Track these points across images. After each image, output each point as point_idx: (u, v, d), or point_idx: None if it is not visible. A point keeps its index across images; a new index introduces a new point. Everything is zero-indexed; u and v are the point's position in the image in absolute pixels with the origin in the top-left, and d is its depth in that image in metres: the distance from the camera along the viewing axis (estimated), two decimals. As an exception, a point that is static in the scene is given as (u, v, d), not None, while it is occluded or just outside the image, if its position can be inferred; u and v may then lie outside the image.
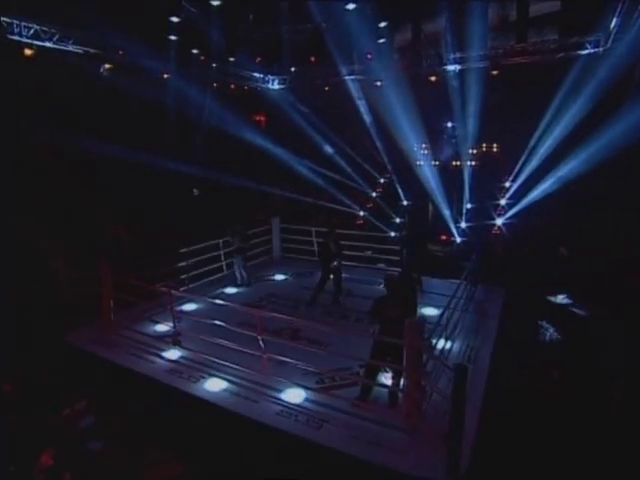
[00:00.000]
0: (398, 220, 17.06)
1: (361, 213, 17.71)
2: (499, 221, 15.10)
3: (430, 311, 8.64)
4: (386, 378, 6.14)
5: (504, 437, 5.28)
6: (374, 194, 19.03)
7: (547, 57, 11.70)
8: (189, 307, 9.07)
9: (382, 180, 19.56)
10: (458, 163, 17.56)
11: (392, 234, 15.27)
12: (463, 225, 15.44)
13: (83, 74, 10.76)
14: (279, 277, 11.51)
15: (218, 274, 11.06)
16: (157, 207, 13.16)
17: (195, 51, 12.93)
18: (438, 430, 4.91)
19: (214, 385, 6.27)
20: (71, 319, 8.16)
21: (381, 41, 12.81)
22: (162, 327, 7.78)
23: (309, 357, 6.23)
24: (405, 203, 17.89)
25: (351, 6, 12.00)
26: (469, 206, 16.07)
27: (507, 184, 16.17)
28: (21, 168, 10.75)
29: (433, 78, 13.56)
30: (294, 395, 5.97)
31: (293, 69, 16.14)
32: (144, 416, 6.20)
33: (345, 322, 8.67)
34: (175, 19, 11.22)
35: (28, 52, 9.09)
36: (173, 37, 12.03)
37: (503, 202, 15.74)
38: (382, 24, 12.10)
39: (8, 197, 10.20)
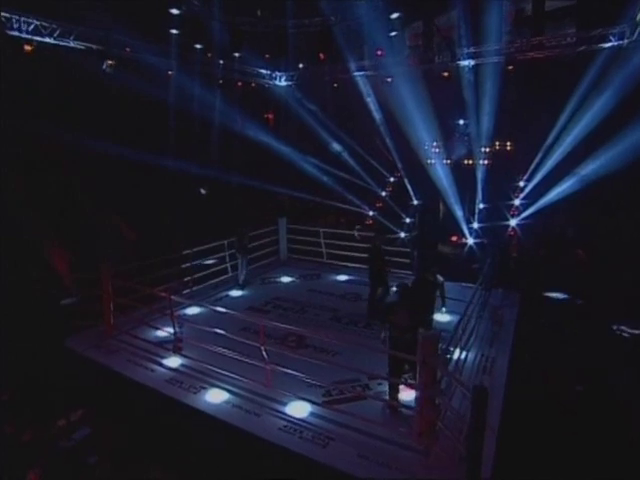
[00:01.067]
0: (408, 220, 16.65)
1: (370, 213, 17.34)
2: (513, 222, 14.62)
3: (441, 317, 8.25)
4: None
5: (524, 459, 4.89)
6: (384, 193, 18.62)
7: (566, 51, 11.13)
8: (192, 311, 8.78)
9: (392, 179, 19.12)
10: (470, 161, 17.06)
11: (402, 234, 14.87)
12: (475, 226, 14.98)
13: (84, 71, 10.49)
14: (285, 279, 11.21)
15: (223, 276, 10.78)
16: (161, 207, 12.94)
17: (200, 47, 12.59)
18: (453, 451, 4.57)
19: (215, 396, 5.97)
20: (74, 323, 7.92)
21: (393, 34, 12.31)
22: (163, 333, 7.49)
23: (315, 367, 5.87)
24: (415, 203, 17.45)
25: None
26: (482, 206, 15.58)
27: (521, 183, 15.65)
28: (21, 167, 10.59)
29: (446, 74, 13.07)
30: (299, 409, 5.64)
31: (301, 65, 15.77)
32: (142, 428, 5.92)
33: (354, 328, 8.31)
34: (177, 12, 10.87)
35: (28, 48, 8.86)
36: (177, 32, 11.70)
37: (517, 202, 15.23)
38: (394, 15, 11.57)
39: (9, 197, 10.03)
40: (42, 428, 5.66)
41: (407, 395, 5.62)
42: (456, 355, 6.20)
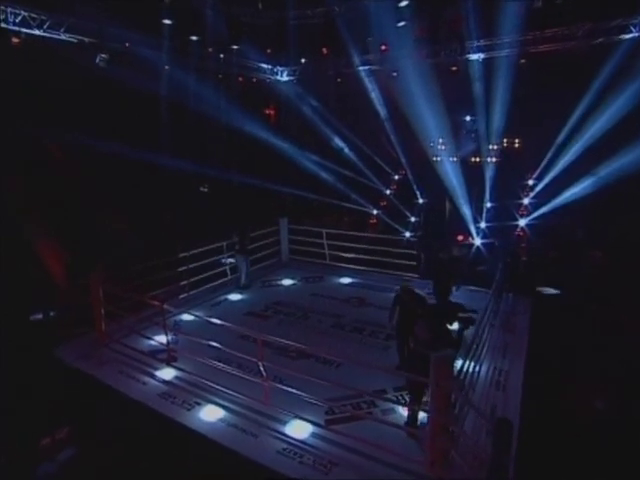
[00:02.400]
0: (413, 219, 16.25)
1: (374, 212, 16.92)
2: (522, 222, 14.17)
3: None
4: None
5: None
6: (388, 191, 18.18)
7: (583, 43, 10.60)
8: (188, 317, 8.34)
9: (397, 177, 18.68)
10: (478, 159, 16.59)
11: (407, 234, 14.45)
12: (483, 225, 14.55)
13: (78, 65, 10.06)
14: (287, 282, 10.79)
15: (223, 279, 10.37)
16: (160, 206, 12.57)
17: (199, 40, 12.13)
18: (468, 482, 4.16)
19: (210, 414, 5.56)
20: (65, 330, 7.54)
21: (401, 24, 11.77)
22: (156, 342, 7.08)
23: (318, 380, 5.44)
24: (421, 201, 17.02)
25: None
26: (489, 205, 15.14)
27: (531, 182, 15.18)
28: (21, 167, 10.25)
29: (454, 68, 12.57)
30: (299, 429, 5.22)
31: (303, 60, 15.29)
32: (132, 447, 5.52)
33: (358, 336, 7.88)
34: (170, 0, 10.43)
35: (15, 40, 8.44)
36: (174, 24, 11.24)
37: (526, 201, 14.78)
38: (404, 3, 11.02)
39: (8, 197, 9.70)
40: (22, 448, 5.27)
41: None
42: (469, 370, 5.79)
